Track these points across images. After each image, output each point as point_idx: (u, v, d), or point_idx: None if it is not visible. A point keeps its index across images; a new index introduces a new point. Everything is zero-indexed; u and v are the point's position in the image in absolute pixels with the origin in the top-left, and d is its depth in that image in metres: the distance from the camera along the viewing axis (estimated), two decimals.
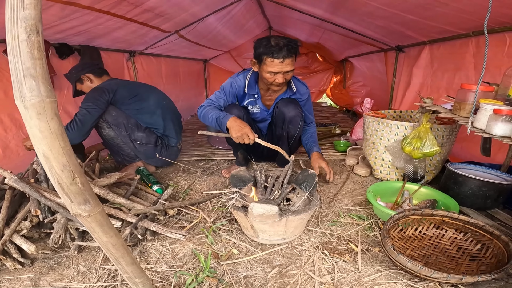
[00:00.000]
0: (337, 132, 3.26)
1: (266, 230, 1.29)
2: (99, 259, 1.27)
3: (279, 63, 1.60)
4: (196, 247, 1.33)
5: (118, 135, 2.07)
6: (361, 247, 1.32)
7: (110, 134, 2.06)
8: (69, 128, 1.88)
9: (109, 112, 2.00)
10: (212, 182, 2.06)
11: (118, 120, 2.03)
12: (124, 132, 2.06)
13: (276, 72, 1.64)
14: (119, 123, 2.03)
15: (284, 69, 1.62)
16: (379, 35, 3.10)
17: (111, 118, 2.01)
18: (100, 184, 1.63)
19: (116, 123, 2.03)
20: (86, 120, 1.90)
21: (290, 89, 1.91)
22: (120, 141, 2.10)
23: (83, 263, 1.26)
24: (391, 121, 1.80)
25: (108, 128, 2.04)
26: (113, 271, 1.21)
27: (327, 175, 1.84)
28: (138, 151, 2.13)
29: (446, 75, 2.43)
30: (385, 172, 1.95)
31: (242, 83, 1.93)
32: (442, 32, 2.26)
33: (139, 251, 1.28)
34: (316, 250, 1.30)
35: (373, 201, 1.45)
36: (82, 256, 1.31)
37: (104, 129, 2.05)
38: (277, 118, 1.94)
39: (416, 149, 1.58)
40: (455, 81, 2.29)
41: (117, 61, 3.24)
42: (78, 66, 2.14)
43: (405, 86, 3.00)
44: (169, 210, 1.58)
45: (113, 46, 3.05)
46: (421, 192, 1.61)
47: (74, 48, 2.56)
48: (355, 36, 3.44)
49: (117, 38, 2.82)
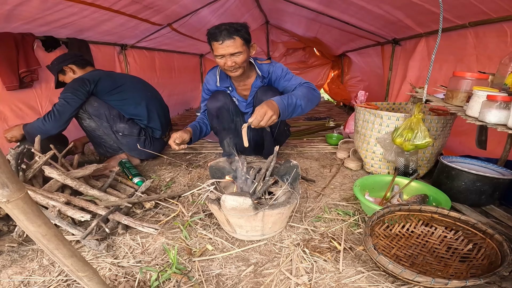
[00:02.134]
0: (331, 126, 3.19)
1: (242, 225, 1.21)
2: None
3: (219, 46, 1.58)
4: (168, 242, 1.25)
5: (99, 126, 2.00)
6: (344, 245, 1.23)
7: (91, 125, 1.99)
8: (46, 118, 1.81)
9: (90, 103, 1.93)
10: (197, 175, 1.98)
11: (99, 111, 1.96)
12: (106, 123, 1.99)
13: (221, 55, 1.62)
14: (100, 114, 1.97)
15: (227, 51, 1.58)
16: (375, 27, 3.02)
17: (92, 109, 1.94)
18: (74, 176, 1.56)
19: (97, 114, 1.96)
20: (64, 110, 1.83)
21: (258, 74, 1.83)
22: (101, 133, 2.03)
23: (48, 257, 1.20)
24: (382, 112, 1.71)
25: (89, 119, 1.97)
26: None
27: (254, 119, 1.44)
28: (121, 142, 2.07)
29: (444, 67, 2.34)
30: (376, 166, 1.86)
31: (213, 78, 1.90)
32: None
33: (107, 245, 1.21)
34: (296, 248, 1.22)
35: (359, 195, 1.37)
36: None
37: (84, 120, 1.98)
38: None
39: (407, 140, 1.49)
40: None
41: (108, 54, 3.17)
42: (60, 57, 2.07)
43: (401, 80, 2.93)
44: (146, 203, 1.51)
45: (102, 39, 2.97)
46: (411, 187, 1.52)
47: (62, 41, 2.50)
48: (351, 30, 3.37)
49: (106, 31, 2.76)
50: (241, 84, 1.89)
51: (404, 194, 1.54)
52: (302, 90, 1.63)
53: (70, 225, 1.24)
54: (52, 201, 1.29)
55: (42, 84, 2.40)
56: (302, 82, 1.73)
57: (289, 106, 1.52)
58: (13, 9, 1.83)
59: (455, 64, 2.21)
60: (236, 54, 1.61)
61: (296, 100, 1.55)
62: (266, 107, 1.43)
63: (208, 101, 1.89)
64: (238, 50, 1.60)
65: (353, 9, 2.79)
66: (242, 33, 1.61)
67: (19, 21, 2.02)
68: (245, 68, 1.74)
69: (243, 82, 1.88)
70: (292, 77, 1.79)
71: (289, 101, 1.53)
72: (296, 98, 1.55)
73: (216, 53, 1.62)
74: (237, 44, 1.59)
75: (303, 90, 1.64)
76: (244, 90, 1.92)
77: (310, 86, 1.70)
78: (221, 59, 1.64)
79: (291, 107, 1.53)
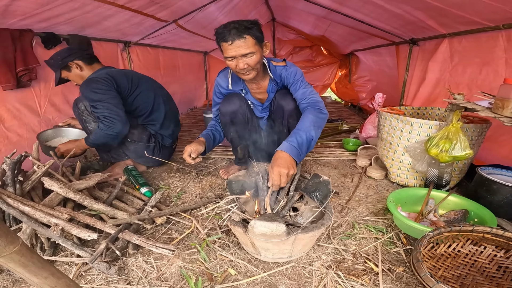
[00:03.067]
0: (345, 129, 3.05)
1: (269, 249, 1.07)
2: (72, 275, 1.06)
3: (229, 47, 1.43)
4: (186, 265, 1.12)
5: None
6: (381, 266, 1.10)
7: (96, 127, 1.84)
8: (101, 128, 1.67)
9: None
10: (208, 184, 1.85)
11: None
12: None
13: (232, 57, 1.45)
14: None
15: (238, 52, 1.43)
16: (392, 27, 2.88)
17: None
18: (77, 188, 1.42)
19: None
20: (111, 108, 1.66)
21: (271, 77, 1.69)
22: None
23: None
24: (413, 119, 1.58)
25: (94, 123, 1.82)
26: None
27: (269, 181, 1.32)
28: (128, 148, 1.92)
29: (468, 70, 2.22)
30: (403, 176, 1.73)
31: (225, 81, 1.75)
32: (468, 24, 2.04)
33: (118, 268, 1.07)
34: (328, 271, 1.09)
35: (395, 211, 1.24)
36: None
37: (89, 123, 1.82)
38: (276, 113, 1.73)
39: (445, 151, 1.36)
40: (481, 76, 2.08)
41: (110, 51, 3.03)
42: (64, 51, 1.88)
43: (419, 81, 2.80)
44: (157, 218, 1.37)
45: (105, 35, 2.82)
46: (449, 201, 1.39)
47: (62, 37, 2.36)
48: (364, 28, 3.22)
49: (109, 27, 2.61)
50: (255, 87, 1.74)
51: (439, 209, 1.41)
52: (309, 117, 1.45)
53: (76, 246, 1.10)
54: (53, 219, 1.15)
55: (41, 83, 2.25)
56: (309, 99, 1.54)
57: (302, 146, 1.36)
58: (10, 4, 1.68)
59: (481, 67, 2.09)
60: (248, 55, 1.45)
61: (306, 135, 1.38)
62: (277, 168, 1.25)
63: (222, 104, 1.75)
64: (250, 50, 1.44)
65: (369, 8, 2.65)
66: (254, 31, 1.44)
67: (16, 17, 1.86)
68: (259, 70, 1.59)
69: (257, 85, 1.73)
70: (299, 88, 1.59)
71: (299, 140, 1.35)
72: (305, 132, 1.38)
73: (226, 55, 1.46)
74: (249, 44, 1.43)
75: (310, 117, 1.45)
76: (258, 93, 1.78)
77: (316, 107, 1.50)
78: (232, 61, 1.48)
79: (305, 145, 1.37)
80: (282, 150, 1.30)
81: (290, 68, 1.64)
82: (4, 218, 1.17)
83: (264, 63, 1.65)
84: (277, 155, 1.30)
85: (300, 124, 1.43)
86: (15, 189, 1.27)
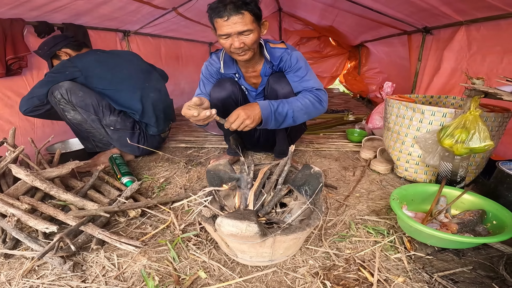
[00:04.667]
0: (350, 120, 2.86)
1: (245, 251, 0.93)
2: (22, 270, 0.96)
3: (224, 23, 1.28)
4: (151, 265, 0.99)
5: (86, 119, 1.72)
6: (378, 276, 0.94)
7: (76, 117, 1.72)
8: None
9: (74, 92, 1.65)
10: (196, 175, 1.71)
11: (85, 102, 1.68)
12: (94, 115, 1.71)
13: (227, 34, 1.30)
14: (87, 105, 1.68)
15: (233, 29, 1.28)
16: (403, 14, 2.66)
17: (77, 99, 1.65)
18: (48, 176, 1.31)
19: (82, 105, 1.68)
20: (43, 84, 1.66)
21: (266, 59, 1.53)
22: (89, 126, 1.76)
23: (7, 272, 0.97)
24: (423, 106, 1.38)
25: (73, 111, 1.70)
26: (35, 286, 0.91)
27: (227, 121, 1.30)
28: (111, 138, 1.79)
29: (488, 59, 2.02)
30: (411, 170, 1.54)
31: (216, 63, 1.60)
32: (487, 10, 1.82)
33: (73, 265, 0.95)
34: (314, 279, 0.93)
35: (398, 211, 1.06)
36: (9, 263, 1.02)
37: (69, 112, 1.70)
38: (270, 97, 1.55)
39: (461, 142, 1.16)
40: (502, 65, 1.88)
41: (109, 41, 2.95)
42: (49, 41, 1.82)
43: (433, 71, 2.60)
44: (130, 211, 1.24)
45: (102, 24, 2.74)
46: (464, 200, 1.20)
47: (57, 26, 2.30)
48: (374, 17, 3.01)
49: (105, 15, 2.52)
50: (250, 70, 1.59)
51: (452, 209, 1.22)
52: (304, 101, 1.40)
53: (29, 239, 0.99)
54: (12, 209, 1.04)
55: (33, 71, 2.20)
56: (312, 87, 1.45)
57: (278, 115, 1.35)
58: None
59: (502, 55, 1.89)
60: (245, 32, 1.31)
61: (288, 111, 1.36)
62: (242, 112, 1.28)
63: (213, 89, 1.59)
64: (248, 27, 1.29)
65: None
66: (252, 7, 1.29)
67: (4, 6, 1.80)
68: (255, 51, 1.44)
69: (252, 68, 1.58)
70: (305, 76, 1.47)
71: (279, 109, 1.35)
72: (289, 108, 1.36)
73: (220, 32, 1.31)
74: (246, 21, 1.28)
75: (305, 101, 1.40)
76: (253, 77, 1.62)
77: (316, 97, 1.43)
78: (226, 39, 1.33)
79: (280, 117, 1.36)
80: (259, 104, 1.33)
81: (292, 51, 1.49)
82: None
83: (261, 44, 1.50)
84: (250, 105, 1.33)
85: (292, 99, 1.40)
86: None
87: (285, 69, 1.52)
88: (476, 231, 1.09)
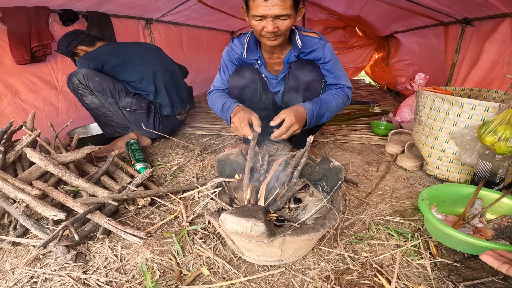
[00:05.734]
0: (376, 111, 2.67)
1: (251, 249, 0.86)
2: (26, 259, 0.96)
3: (261, 3, 1.18)
4: (154, 258, 0.95)
5: (103, 103, 1.76)
6: (395, 283, 0.84)
7: (94, 102, 1.76)
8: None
9: (91, 78, 1.69)
10: (210, 163, 1.66)
11: (102, 86, 1.72)
12: (111, 98, 1.75)
13: (261, 16, 1.21)
14: (104, 89, 1.72)
15: (271, 11, 1.18)
16: (440, 4, 2.44)
17: (94, 83, 1.70)
18: (62, 160, 1.31)
19: (100, 89, 1.72)
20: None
21: (295, 46, 1.42)
22: (107, 110, 1.79)
23: (12, 260, 0.98)
24: (463, 98, 1.22)
25: (91, 96, 1.74)
26: (37, 275, 0.90)
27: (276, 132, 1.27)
28: (128, 120, 1.82)
29: None
30: (443, 168, 1.39)
31: (239, 48, 1.50)
32: None
33: (76, 255, 0.94)
34: (325, 284, 0.85)
35: (426, 212, 0.95)
36: (17, 250, 1.02)
37: (87, 97, 1.74)
38: (291, 85, 1.46)
39: (504, 140, 1.01)
40: None
41: (132, 29, 2.97)
42: (63, 40, 1.87)
43: (471, 64, 2.38)
44: (140, 199, 1.22)
45: (125, 12, 2.75)
46: (501, 204, 1.05)
47: (82, 14, 2.34)
48: (406, 6, 2.77)
49: (128, 2, 2.53)
50: (274, 56, 1.49)
51: (488, 213, 1.08)
52: (338, 101, 1.42)
53: (36, 226, 0.98)
54: (21, 194, 1.04)
55: (58, 58, 2.26)
56: (343, 85, 1.48)
57: (317, 117, 1.37)
58: None
59: None
60: (282, 17, 1.22)
61: (325, 113, 1.39)
62: (294, 118, 1.25)
63: (232, 77, 1.53)
64: (286, 12, 1.20)
65: None
66: None
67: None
68: (286, 37, 1.35)
69: (277, 55, 1.48)
70: (337, 71, 1.45)
71: (320, 111, 1.36)
72: (326, 109, 1.38)
73: (255, 13, 1.22)
74: (286, 5, 1.19)
75: (338, 101, 1.42)
76: (275, 64, 1.53)
77: (346, 95, 1.47)
78: (260, 21, 1.24)
79: (318, 118, 1.38)
80: (304, 107, 1.31)
81: (326, 43, 1.42)
82: None
83: (293, 29, 1.41)
84: (298, 108, 1.30)
85: (328, 99, 1.40)
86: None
87: (315, 59, 1.44)
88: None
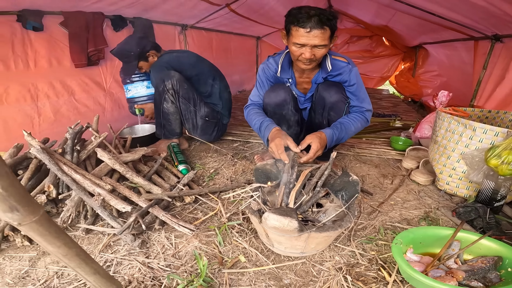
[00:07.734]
0: (397, 126, 2.76)
1: (282, 242, 1.08)
2: (100, 245, 1.19)
3: (305, 33, 1.34)
4: (201, 246, 1.19)
5: (185, 108, 1.97)
6: (395, 277, 1.03)
7: (169, 109, 1.98)
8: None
9: (182, 85, 1.90)
10: (241, 168, 1.89)
11: (189, 94, 1.94)
12: (192, 107, 1.98)
13: (302, 44, 1.37)
14: (190, 98, 1.95)
15: (311, 41, 1.35)
16: (471, 20, 2.48)
17: (183, 91, 1.92)
18: (123, 160, 1.58)
19: (186, 97, 1.94)
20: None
21: (324, 68, 1.58)
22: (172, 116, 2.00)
23: (86, 247, 1.19)
24: (476, 123, 1.36)
25: (171, 103, 1.95)
26: (110, 260, 1.12)
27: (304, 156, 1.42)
28: (200, 127, 2.07)
29: None
30: (453, 184, 1.53)
31: (274, 67, 1.67)
32: None
33: (141, 242, 1.19)
34: (337, 273, 1.05)
35: (397, 256, 0.97)
36: (89, 238, 1.24)
37: (167, 102, 1.94)
38: (317, 104, 1.64)
39: (506, 164, 1.16)
40: None
41: (169, 34, 3.25)
42: (136, 44, 2.00)
43: (497, 81, 2.45)
44: (186, 197, 1.47)
45: (164, 18, 3.03)
46: (480, 245, 1.07)
47: (129, 20, 2.57)
48: (436, 20, 2.83)
49: (167, 10, 2.79)
50: (304, 76, 1.66)
51: (465, 253, 1.09)
52: (357, 125, 1.57)
53: (111, 217, 1.23)
54: (98, 188, 1.31)
55: (107, 62, 2.53)
56: (365, 109, 1.61)
57: (336, 141, 1.53)
58: None
59: None
60: (319, 46, 1.38)
61: (344, 136, 1.54)
62: (319, 145, 1.42)
63: (267, 94, 1.69)
64: (325, 43, 1.37)
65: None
66: (333, 24, 1.37)
67: (88, 0, 2.06)
68: (319, 62, 1.52)
69: (307, 75, 1.65)
70: (359, 95, 1.60)
71: (339, 136, 1.52)
72: (345, 135, 1.54)
73: (297, 41, 1.37)
74: (325, 36, 1.36)
75: (357, 125, 1.57)
76: (304, 83, 1.70)
77: (366, 118, 1.61)
78: (299, 48, 1.40)
79: (337, 141, 1.55)
80: (325, 134, 1.48)
81: (353, 68, 1.57)
82: (58, 184, 1.36)
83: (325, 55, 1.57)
84: (321, 135, 1.46)
85: (348, 124, 1.54)
86: (72, 157, 1.48)
87: (341, 81, 1.60)
88: (487, 278, 0.99)
